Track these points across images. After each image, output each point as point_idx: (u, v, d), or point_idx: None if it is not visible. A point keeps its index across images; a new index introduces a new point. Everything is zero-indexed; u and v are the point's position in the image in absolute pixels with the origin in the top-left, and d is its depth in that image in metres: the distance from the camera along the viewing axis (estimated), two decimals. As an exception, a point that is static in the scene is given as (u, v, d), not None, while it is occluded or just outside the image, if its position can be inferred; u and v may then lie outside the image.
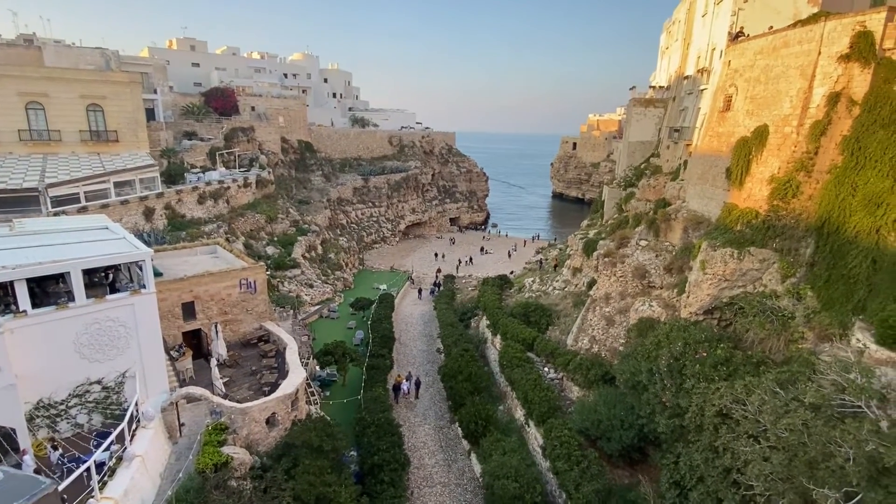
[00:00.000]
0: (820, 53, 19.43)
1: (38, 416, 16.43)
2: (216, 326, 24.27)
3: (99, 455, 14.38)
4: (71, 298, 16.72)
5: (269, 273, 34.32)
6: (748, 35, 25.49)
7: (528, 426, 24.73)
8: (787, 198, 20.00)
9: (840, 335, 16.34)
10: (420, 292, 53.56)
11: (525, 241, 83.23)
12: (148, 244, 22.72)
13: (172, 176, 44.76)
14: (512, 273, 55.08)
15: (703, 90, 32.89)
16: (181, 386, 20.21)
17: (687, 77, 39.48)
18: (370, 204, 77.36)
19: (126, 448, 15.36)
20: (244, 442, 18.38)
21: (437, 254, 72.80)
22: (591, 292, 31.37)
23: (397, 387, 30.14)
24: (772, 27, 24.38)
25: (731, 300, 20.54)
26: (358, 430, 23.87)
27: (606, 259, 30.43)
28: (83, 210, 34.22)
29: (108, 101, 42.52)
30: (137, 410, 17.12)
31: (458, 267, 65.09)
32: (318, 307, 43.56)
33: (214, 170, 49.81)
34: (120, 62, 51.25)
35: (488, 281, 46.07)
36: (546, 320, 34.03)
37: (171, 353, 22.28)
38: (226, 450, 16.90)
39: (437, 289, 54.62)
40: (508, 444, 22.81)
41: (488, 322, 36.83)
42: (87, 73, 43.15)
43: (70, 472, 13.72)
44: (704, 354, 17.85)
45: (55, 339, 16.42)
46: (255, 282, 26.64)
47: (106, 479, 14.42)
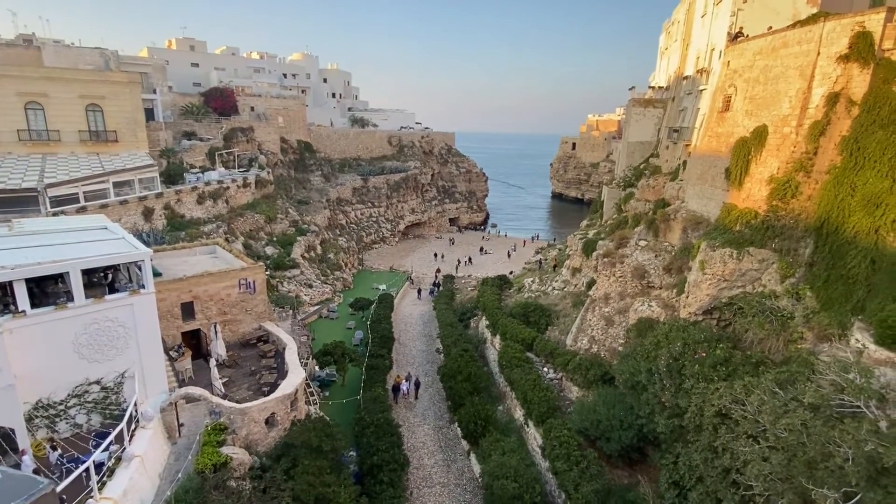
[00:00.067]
0: (819, 54, 19.45)
1: (37, 417, 16.42)
2: (215, 327, 24.26)
3: (98, 455, 14.39)
4: (70, 298, 16.73)
5: (268, 273, 34.28)
6: (747, 35, 25.51)
7: (528, 426, 24.73)
8: (787, 198, 20.01)
9: (839, 335, 16.34)
10: (419, 292, 53.54)
11: (524, 242, 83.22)
12: (147, 244, 22.73)
13: (172, 176, 44.75)
14: (511, 273, 55.09)
15: (702, 90, 32.90)
16: (180, 386, 20.20)
17: (686, 77, 39.49)
18: (369, 204, 77.33)
19: (125, 448, 15.37)
20: (243, 442, 18.37)
21: (436, 254, 72.83)
22: (591, 292, 31.37)
23: (396, 387, 30.11)
24: (771, 28, 24.41)
25: (731, 300, 20.56)
26: (357, 431, 23.86)
27: (606, 259, 30.45)
28: (82, 210, 34.18)
29: (108, 102, 42.47)
30: (136, 411, 17.13)
31: (457, 267, 65.08)
32: (317, 307, 43.53)
33: (214, 170, 49.77)
34: (119, 62, 51.27)
35: (488, 281, 46.09)
36: (545, 320, 34.02)
37: (171, 353, 22.29)
38: (225, 450, 16.89)
39: (436, 289, 54.60)
40: (508, 444, 22.80)
41: (488, 322, 36.83)
42: (87, 73, 43.11)
43: (69, 472, 13.74)
44: (703, 354, 17.85)
45: (54, 340, 16.42)
46: (254, 282, 26.65)
47: (105, 479, 14.42)
